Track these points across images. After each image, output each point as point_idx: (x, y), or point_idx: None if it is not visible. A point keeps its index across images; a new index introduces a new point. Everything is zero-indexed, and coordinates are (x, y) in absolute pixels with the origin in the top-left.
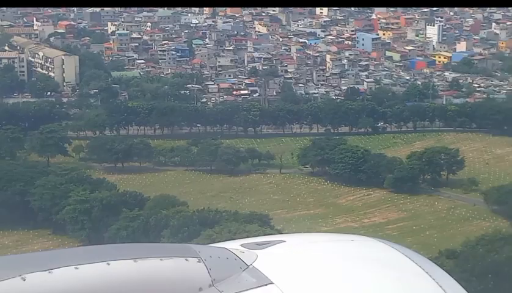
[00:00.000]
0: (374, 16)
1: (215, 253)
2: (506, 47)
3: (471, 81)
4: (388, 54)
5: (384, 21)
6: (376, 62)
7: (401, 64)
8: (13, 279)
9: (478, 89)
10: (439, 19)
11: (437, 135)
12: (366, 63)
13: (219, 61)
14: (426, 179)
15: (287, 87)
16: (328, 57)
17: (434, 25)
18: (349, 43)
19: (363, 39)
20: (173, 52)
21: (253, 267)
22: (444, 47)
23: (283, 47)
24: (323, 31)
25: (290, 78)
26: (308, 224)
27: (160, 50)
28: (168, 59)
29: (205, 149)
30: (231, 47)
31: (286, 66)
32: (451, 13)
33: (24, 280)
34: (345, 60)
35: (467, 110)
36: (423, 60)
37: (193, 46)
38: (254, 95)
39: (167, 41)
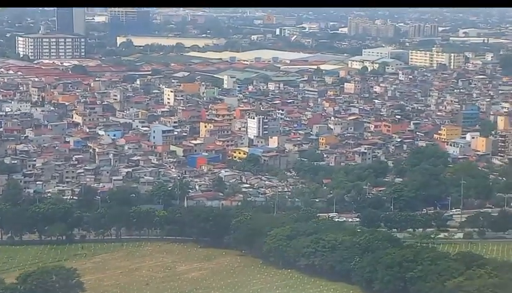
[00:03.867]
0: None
1: None
2: (326, 143)
3: (245, 180)
4: (172, 148)
5: (213, 112)
6: (155, 157)
7: (174, 160)
8: None
9: (244, 190)
10: (280, 111)
11: (137, 245)
12: (137, 158)
13: None
14: None
15: (13, 184)
16: (97, 149)
17: (254, 118)
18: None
19: (154, 131)
20: None
21: None
22: (261, 142)
23: (66, 138)
24: (142, 122)
25: (30, 174)
26: None
27: None
28: None
29: None
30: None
31: (35, 160)
32: (310, 104)
33: None
34: (111, 155)
35: (175, 216)
36: (207, 155)
37: None
38: None
39: None
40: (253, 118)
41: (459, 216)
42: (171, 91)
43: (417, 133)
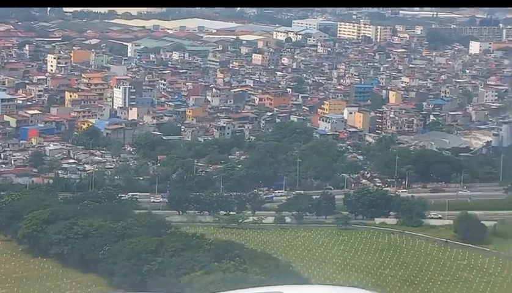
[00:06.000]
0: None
1: None
2: (193, 116)
3: (72, 155)
4: (6, 118)
5: (85, 81)
6: None
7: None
8: None
9: (65, 166)
10: (162, 82)
11: None
12: None
13: None
14: None
15: None
16: None
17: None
18: None
19: None
20: None
21: None
22: (124, 113)
23: None
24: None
25: None
26: None
27: None
28: None
29: None
30: None
31: None
32: (205, 75)
33: None
34: None
35: None
36: (43, 127)
37: None
38: None
39: None
40: (119, 88)
41: (284, 197)
42: (54, 58)
43: (303, 107)
